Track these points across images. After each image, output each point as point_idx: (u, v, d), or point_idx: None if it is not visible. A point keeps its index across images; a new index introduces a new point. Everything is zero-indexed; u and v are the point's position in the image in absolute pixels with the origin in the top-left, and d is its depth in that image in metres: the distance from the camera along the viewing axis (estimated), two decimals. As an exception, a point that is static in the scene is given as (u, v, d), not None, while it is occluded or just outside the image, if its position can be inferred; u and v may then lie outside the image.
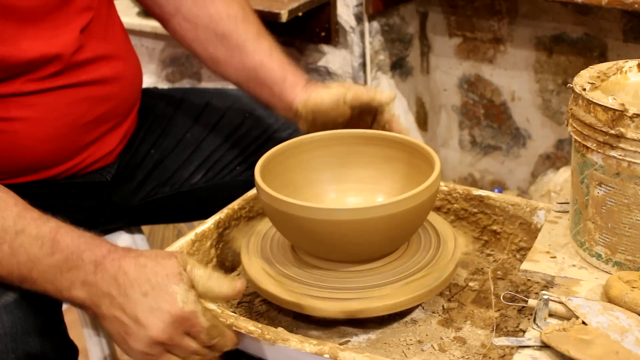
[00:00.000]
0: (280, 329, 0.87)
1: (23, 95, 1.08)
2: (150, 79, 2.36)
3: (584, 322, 0.79)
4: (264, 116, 1.33)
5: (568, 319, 0.81)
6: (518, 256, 1.09)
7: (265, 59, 1.19)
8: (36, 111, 1.09)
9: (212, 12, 1.22)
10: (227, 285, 0.88)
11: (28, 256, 0.86)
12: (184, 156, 1.30)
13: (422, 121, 2.37)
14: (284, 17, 1.85)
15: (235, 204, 1.11)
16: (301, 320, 0.98)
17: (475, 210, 1.12)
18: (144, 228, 1.48)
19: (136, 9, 2.19)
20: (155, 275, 0.85)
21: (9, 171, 1.08)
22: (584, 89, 0.88)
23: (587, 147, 0.87)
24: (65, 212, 0.98)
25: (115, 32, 1.22)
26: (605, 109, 0.84)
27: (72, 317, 1.09)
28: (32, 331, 0.91)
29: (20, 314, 0.91)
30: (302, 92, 1.15)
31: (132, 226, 1.37)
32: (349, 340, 0.95)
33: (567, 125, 0.91)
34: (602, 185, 0.87)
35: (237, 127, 1.33)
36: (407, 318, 0.98)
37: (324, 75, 2.20)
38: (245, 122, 1.33)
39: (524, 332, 0.93)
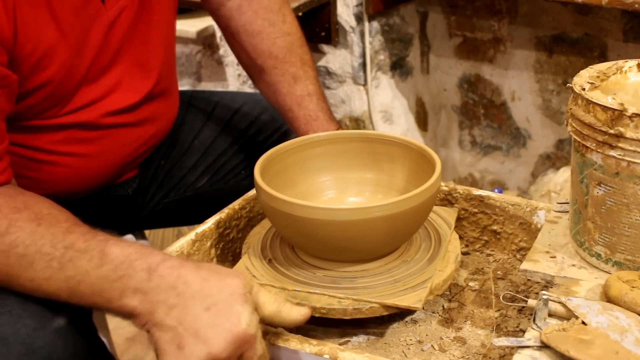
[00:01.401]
0: (280, 329, 0.87)
1: (99, 129, 1.08)
2: (150, 79, 2.35)
3: (583, 322, 0.79)
4: (271, 121, 1.34)
5: (568, 319, 0.81)
6: (518, 256, 1.09)
7: (295, 107, 1.21)
8: (97, 149, 1.10)
9: (256, 43, 1.24)
10: (296, 310, 0.86)
11: (76, 270, 0.84)
12: (191, 162, 1.30)
13: (422, 121, 2.37)
14: (284, 17, 1.85)
15: (235, 204, 1.11)
16: (301, 320, 0.98)
17: (476, 210, 1.12)
18: (145, 228, 1.48)
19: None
20: (220, 291, 0.81)
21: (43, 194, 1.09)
22: (584, 89, 0.88)
23: (587, 147, 0.87)
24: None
25: (173, 60, 1.25)
26: (605, 108, 0.84)
27: (72, 318, 1.09)
28: (81, 353, 0.91)
29: (71, 338, 0.89)
30: None
31: (136, 231, 1.38)
32: (349, 340, 0.95)
33: (566, 125, 0.91)
34: (602, 185, 0.87)
35: (243, 132, 1.33)
36: (407, 318, 0.98)
37: (324, 75, 2.20)
38: (252, 127, 1.33)
39: (524, 332, 0.93)
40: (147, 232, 1.77)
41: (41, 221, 0.87)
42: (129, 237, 1.35)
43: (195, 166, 1.30)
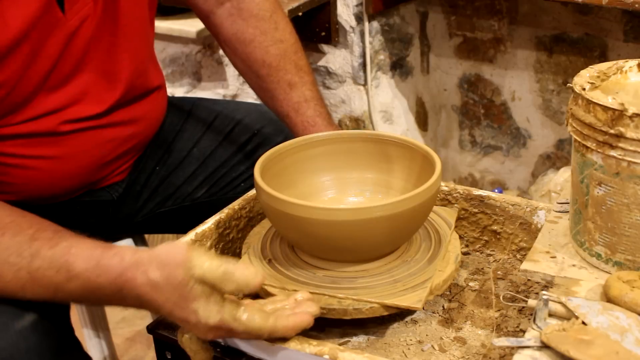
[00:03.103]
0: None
1: (58, 135, 1.07)
2: (150, 79, 2.35)
3: (583, 322, 0.79)
4: (273, 133, 1.32)
5: (568, 319, 0.81)
6: (518, 256, 1.09)
7: (292, 113, 1.22)
8: (66, 150, 1.09)
9: (249, 51, 1.24)
10: (244, 270, 0.82)
11: (49, 281, 0.86)
12: (188, 172, 1.29)
13: (422, 121, 2.37)
14: (284, 17, 1.85)
15: (235, 204, 1.11)
16: (301, 321, 0.98)
17: (476, 210, 1.12)
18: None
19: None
20: (171, 294, 0.82)
21: (22, 201, 1.07)
22: (584, 89, 0.88)
23: (587, 147, 0.87)
24: (70, 228, 0.97)
25: (154, 57, 1.24)
26: (605, 108, 0.84)
27: (72, 317, 1.09)
28: (47, 354, 0.91)
29: (35, 338, 0.90)
30: None
31: (134, 235, 1.37)
32: (349, 341, 0.95)
33: (567, 125, 0.91)
34: (602, 185, 0.87)
35: (244, 144, 1.32)
36: (407, 318, 0.98)
37: (324, 75, 2.20)
38: (253, 139, 1.32)
39: (524, 332, 0.93)
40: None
41: (4, 230, 0.87)
42: (128, 241, 1.34)
43: (194, 176, 1.29)
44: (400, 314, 0.97)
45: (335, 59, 2.16)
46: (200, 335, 0.85)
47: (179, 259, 0.82)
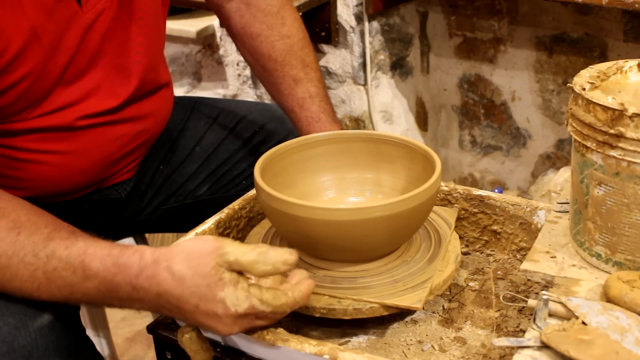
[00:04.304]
0: (280, 330, 0.87)
1: (73, 130, 1.07)
2: (150, 79, 2.35)
3: (584, 322, 0.79)
4: (275, 130, 1.33)
5: (568, 319, 0.81)
6: (518, 256, 1.09)
7: (297, 108, 1.23)
8: (79, 146, 1.09)
9: (256, 45, 1.26)
10: (281, 251, 0.82)
11: (64, 281, 0.86)
12: (191, 169, 1.29)
13: (422, 121, 2.37)
14: (284, 17, 1.85)
15: (235, 204, 1.11)
16: (301, 321, 0.98)
17: (476, 210, 1.12)
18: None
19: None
20: (198, 286, 0.82)
21: (34, 197, 1.07)
22: (584, 89, 0.88)
23: (587, 147, 0.87)
24: (78, 227, 0.97)
25: (162, 54, 1.24)
26: (605, 108, 0.84)
27: (72, 318, 1.10)
28: (64, 352, 0.91)
29: (53, 337, 0.90)
30: None
31: (136, 234, 1.37)
32: (349, 341, 0.95)
33: (567, 125, 0.91)
34: (602, 185, 0.87)
35: (247, 141, 1.32)
36: (407, 318, 0.98)
37: (324, 75, 2.20)
38: (256, 136, 1.33)
39: (524, 332, 0.93)
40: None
41: (21, 229, 0.87)
42: (129, 240, 1.34)
43: (196, 173, 1.29)
44: (400, 314, 0.97)
45: (335, 59, 2.16)
46: (226, 330, 0.83)
47: (209, 249, 0.82)
